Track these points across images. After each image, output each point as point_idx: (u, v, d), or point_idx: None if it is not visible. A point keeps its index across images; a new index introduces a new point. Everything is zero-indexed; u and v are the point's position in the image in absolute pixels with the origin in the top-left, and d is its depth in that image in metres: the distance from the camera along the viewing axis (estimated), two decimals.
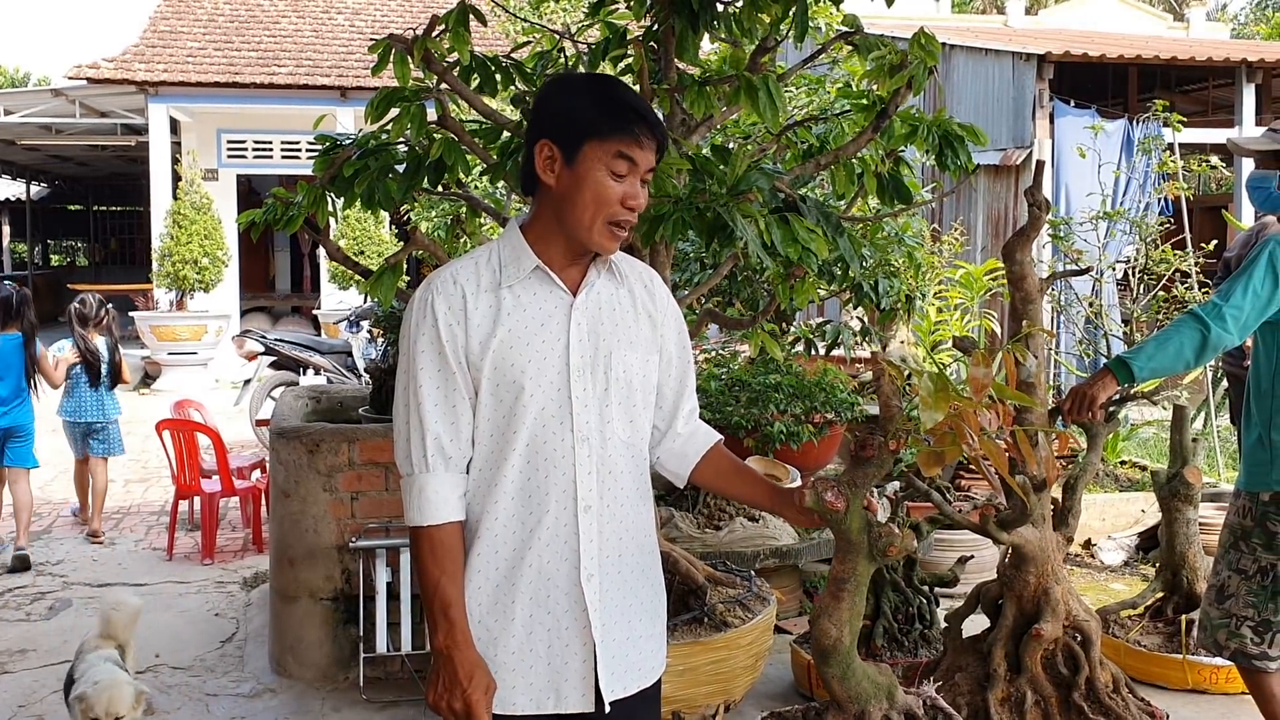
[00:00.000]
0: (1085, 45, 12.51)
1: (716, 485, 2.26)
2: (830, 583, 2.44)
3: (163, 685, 4.50)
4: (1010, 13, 22.06)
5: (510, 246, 2.04)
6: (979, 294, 9.34)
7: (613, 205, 1.95)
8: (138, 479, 8.83)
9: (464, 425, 1.99)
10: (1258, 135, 3.64)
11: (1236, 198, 12.50)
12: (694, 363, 2.26)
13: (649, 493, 2.14)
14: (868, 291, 5.98)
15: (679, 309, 2.21)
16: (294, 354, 9.44)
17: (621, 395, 2.03)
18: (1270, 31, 23.86)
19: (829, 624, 2.44)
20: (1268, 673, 3.43)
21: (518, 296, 2.00)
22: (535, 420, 1.97)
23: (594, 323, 2.02)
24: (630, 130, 1.94)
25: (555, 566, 1.99)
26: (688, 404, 2.21)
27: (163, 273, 13.90)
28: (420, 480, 1.98)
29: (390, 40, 3.40)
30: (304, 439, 4.47)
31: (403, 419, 2.01)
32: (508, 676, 2.00)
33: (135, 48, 15.10)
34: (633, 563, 2.07)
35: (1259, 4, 33.86)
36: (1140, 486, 6.76)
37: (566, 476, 1.98)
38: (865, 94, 3.97)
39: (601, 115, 1.95)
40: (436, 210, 9.18)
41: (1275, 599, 3.38)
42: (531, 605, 1.99)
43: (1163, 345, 3.34)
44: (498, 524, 1.99)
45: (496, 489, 1.99)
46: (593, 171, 1.95)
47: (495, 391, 1.97)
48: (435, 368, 1.98)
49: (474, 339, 1.97)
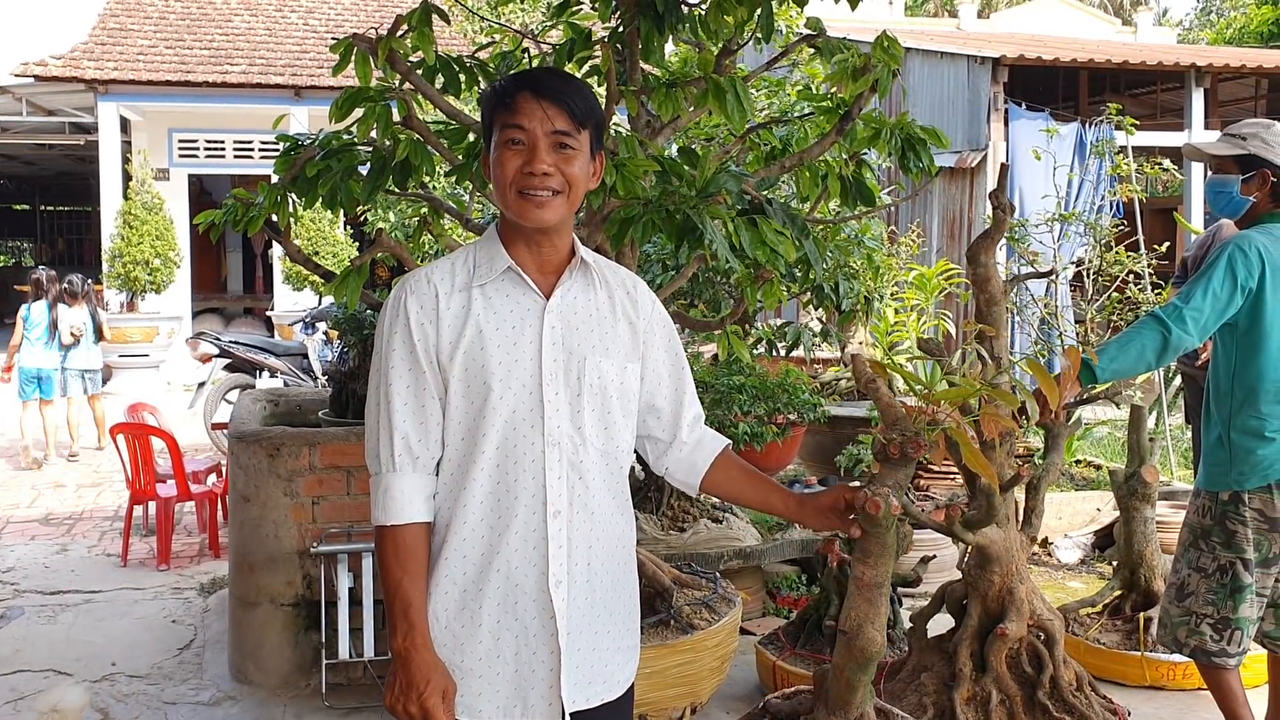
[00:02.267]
0: (1039, 49, 12.66)
1: (728, 493, 2.24)
2: (864, 589, 2.39)
3: (119, 694, 4.43)
4: (963, 16, 22.30)
5: (486, 247, 2.03)
6: (934, 295, 9.43)
7: (512, 175, 1.96)
8: (90, 484, 8.68)
9: (433, 426, 1.98)
10: (1212, 140, 3.69)
11: (1186, 200, 12.71)
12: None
13: (626, 503, 2.11)
14: (828, 293, 6.02)
15: (668, 316, 2.19)
16: (249, 356, 9.33)
17: (595, 401, 2.01)
18: (1215, 37, 24.28)
19: (874, 631, 2.39)
20: (1226, 669, 3.49)
21: (489, 296, 1.99)
22: (506, 423, 1.96)
23: (568, 327, 2.01)
24: (510, 101, 1.96)
25: (524, 572, 1.97)
26: (689, 411, 2.19)
27: (113, 274, 13.69)
28: (387, 479, 1.96)
29: (353, 40, 3.36)
30: (264, 443, 4.41)
31: (373, 418, 2.00)
32: (474, 683, 1.98)
33: (84, 45, 14.87)
34: (604, 571, 2.04)
35: (1204, 9, 34.45)
36: (1096, 485, 6.84)
37: (536, 480, 1.96)
38: (827, 97, 3.99)
39: (493, 97, 2.00)
40: (395, 212, 9.11)
41: (1234, 597, 3.42)
42: (499, 611, 1.97)
43: (1125, 347, 3.39)
44: (466, 527, 1.97)
45: (466, 492, 1.97)
46: (495, 150, 1.98)
47: (465, 392, 1.96)
48: (406, 367, 1.96)
49: (445, 338, 1.96)
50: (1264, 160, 3.48)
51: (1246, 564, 3.42)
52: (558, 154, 1.96)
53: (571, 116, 1.97)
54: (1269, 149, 3.49)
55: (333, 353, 9.26)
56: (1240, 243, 3.40)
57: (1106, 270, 7.75)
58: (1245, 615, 3.44)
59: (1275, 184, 3.50)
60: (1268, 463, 3.38)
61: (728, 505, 5.28)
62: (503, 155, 1.96)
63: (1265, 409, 3.38)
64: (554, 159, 1.96)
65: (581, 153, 1.99)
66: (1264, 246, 3.38)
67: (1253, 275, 3.35)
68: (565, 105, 1.96)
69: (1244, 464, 3.40)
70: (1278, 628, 3.54)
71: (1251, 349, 3.40)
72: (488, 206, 6.13)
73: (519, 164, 1.95)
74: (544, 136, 1.95)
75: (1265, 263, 3.36)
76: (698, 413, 2.21)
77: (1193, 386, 6.09)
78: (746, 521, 5.18)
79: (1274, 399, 3.38)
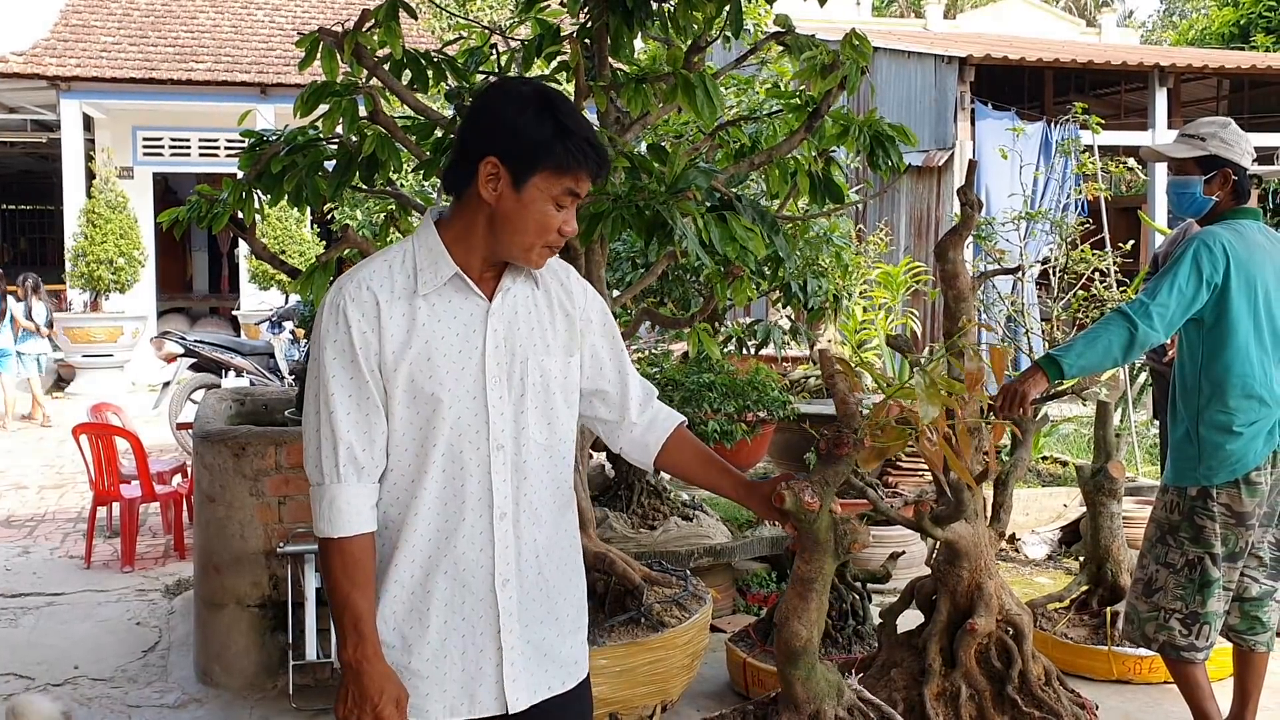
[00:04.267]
0: (1005, 49, 12.75)
1: (681, 472, 2.24)
2: (796, 583, 2.41)
3: (83, 698, 4.36)
4: (929, 17, 22.43)
5: (426, 249, 1.98)
6: (900, 293, 9.48)
7: (553, 233, 1.94)
8: (52, 485, 8.57)
9: (378, 434, 1.94)
10: (1169, 141, 3.71)
11: (1150, 199, 12.84)
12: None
13: (570, 498, 2.11)
14: (796, 291, 6.03)
15: (600, 298, 2.17)
16: (215, 356, 9.24)
17: (539, 399, 2.01)
18: (1178, 38, 24.54)
19: (799, 625, 2.41)
20: (1194, 664, 3.51)
21: (433, 306, 1.95)
22: (452, 430, 1.94)
23: (510, 329, 1.99)
24: (585, 166, 1.93)
25: (471, 573, 1.96)
26: (635, 391, 2.17)
27: (77, 273, 13.53)
28: (331, 491, 1.92)
29: (320, 34, 3.33)
30: (229, 442, 4.37)
31: (313, 427, 1.94)
32: (421, 684, 1.97)
33: (46, 41, 14.68)
34: (551, 569, 2.05)
35: (1166, 11, 34.81)
36: (1062, 482, 6.89)
37: (482, 485, 1.96)
38: (796, 94, 3.99)
39: (557, 148, 1.91)
40: (361, 209, 9.06)
41: (1202, 592, 3.44)
42: (446, 612, 1.97)
43: (1091, 343, 3.41)
44: (415, 534, 1.96)
45: (416, 500, 1.95)
46: (539, 201, 1.92)
47: (411, 404, 1.93)
48: (348, 375, 1.92)
49: (388, 348, 1.92)
50: (1224, 160, 3.51)
51: (1215, 559, 3.44)
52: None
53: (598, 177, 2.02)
54: (1229, 148, 3.52)
55: (299, 352, 9.19)
56: (1205, 238, 3.43)
57: (1072, 268, 7.82)
58: (1213, 610, 3.46)
59: (1236, 182, 3.53)
60: (1235, 457, 3.40)
61: (698, 503, 5.28)
62: (548, 211, 1.93)
63: (1233, 403, 3.41)
64: (574, 216, 2.01)
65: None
66: (1229, 241, 3.41)
67: (1218, 270, 3.38)
68: (605, 170, 2.01)
69: (1212, 459, 3.43)
70: (1243, 621, 3.58)
71: (1218, 344, 3.43)
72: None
73: (559, 222, 1.95)
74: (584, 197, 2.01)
75: (1230, 258, 3.39)
76: (647, 392, 2.21)
77: (1160, 383, 6.14)
78: (717, 519, 5.18)
79: (1241, 393, 3.41)
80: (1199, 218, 3.65)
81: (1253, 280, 3.41)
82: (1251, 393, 3.42)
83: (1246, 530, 3.45)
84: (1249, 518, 3.45)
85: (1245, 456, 3.41)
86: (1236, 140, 3.54)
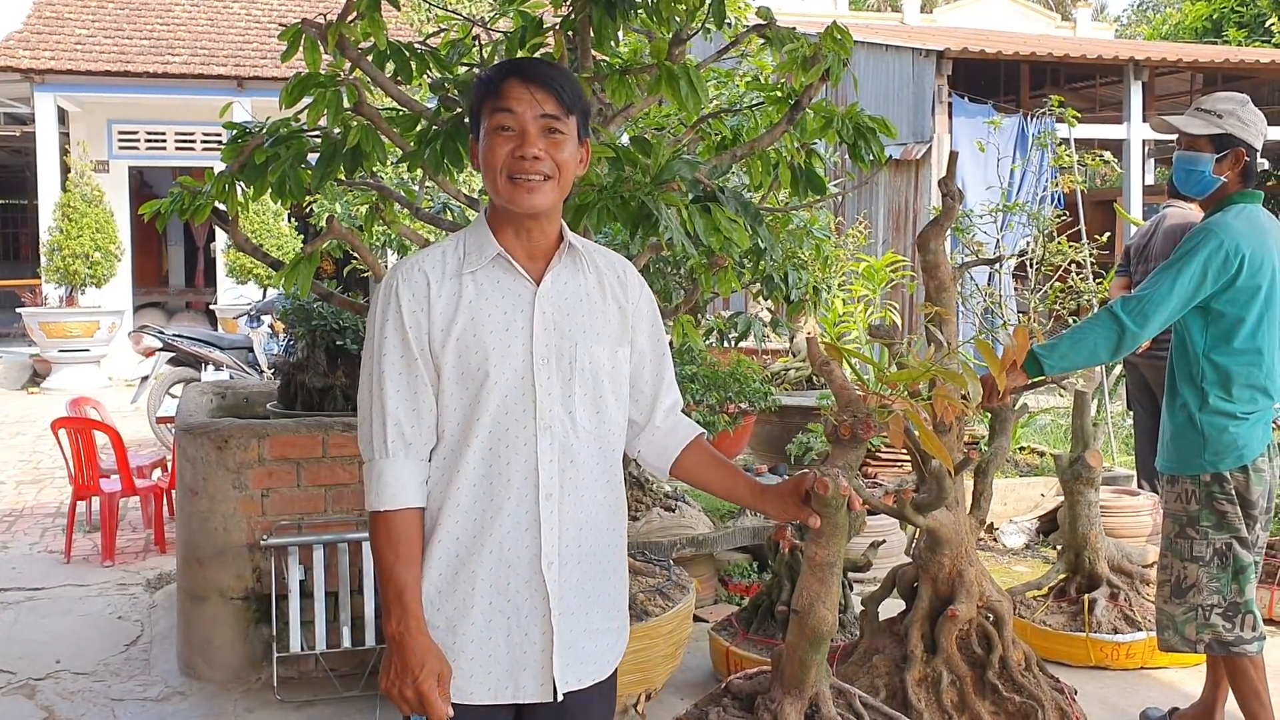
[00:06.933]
0: (982, 43, 12.81)
1: (696, 479, 2.25)
2: (816, 568, 2.42)
3: (65, 692, 4.35)
4: (906, 11, 22.51)
5: (475, 234, 2.04)
6: (881, 286, 9.52)
7: (502, 160, 1.97)
8: (30, 480, 8.52)
9: (426, 412, 1.98)
10: (1183, 117, 3.55)
11: (1125, 191, 12.93)
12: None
13: (618, 484, 2.12)
14: (778, 283, 6.05)
15: (653, 301, 2.20)
16: (194, 350, 9.21)
17: (587, 386, 2.03)
18: (1151, 33, 24.70)
19: (825, 610, 2.43)
20: (1249, 656, 3.36)
21: (479, 283, 1.99)
22: (498, 408, 1.97)
23: (559, 312, 2.01)
24: (499, 88, 1.97)
25: (516, 554, 1.98)
26: (667, 398, 2.20)
27: (52, 267, 13.41)
28: (380, 466, 1.97)
29: (303, 25, 3.33)
30: (212, 435, 4.36)
31: (366, 405, 2.00)
32: (466, 665, 1.98)
33: (19, 33, 14.55)
34: (595, 553, 2.06)
35: (1140, 6, 35.03)
36: (1039, 471, 6.95)
37: (528, 464, 1.97)
38: (777, 87, 4.01)
39: (481, 85, 2.01)
40: (340, 202, 9.02)
41: (1238, 579, 3.35)
42: (491, 593, 1.98)
43: (1077, 344, 3.38)
44: (459, 510, 1.98)
45: (459, 476, 1.98)
46: (487, 136, 1.98)
47: (460, 380, 1.97)
48: (399, 354, 1.97)
49: (437, 325, 1.97)
50: (1239, 140, 3.41)
51: (1244, 542, 3.36)
52: (547, 139, 1.98)
53: (560, 101, 1.98)
54: (1245, 128, 3.41)
55: (278, 345, 9.16)
56: (1218, 237, 3.34)
57: (1049, 260, 7.87)
58: (1252, 596, 3.35)
59: (1248, 164, 3.43)
60: (1241, 442, 3.36)
61: (680, 494, 5.30)
62: (493, 142, 1.97)
63: (1236, 393, 3.37)
64: (544, 144, 1.97)
65: (570, 138, 2.01)
66: (1242, 236, 3.33)
67: (1228, 271, 3.31)
68: (554, 90, 1.98)
69: (1218, 444, 3.37)
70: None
71: (1225, 332, 3.38)
72: (437, 194, 6.09)
73: (509, 149, 1.96)
74: (533, 121, 1.96)
75: (1244, 256, 3.31)
76: (675, 400, 2.23)
77: (1134, 374, 6.19)
78: (699, 510, 5.21)
79: (1245, 383, 3.37)
80: (1202, 198, 3.54)
81: (1265, 271, 3.35)
82: (1255, 383, 3.39)
83: (1253, 521, 3.40)
84: (1254, 507, 3.40)
85: (1250, 442, 3.36)
86: (1253, 120, 3.44)
